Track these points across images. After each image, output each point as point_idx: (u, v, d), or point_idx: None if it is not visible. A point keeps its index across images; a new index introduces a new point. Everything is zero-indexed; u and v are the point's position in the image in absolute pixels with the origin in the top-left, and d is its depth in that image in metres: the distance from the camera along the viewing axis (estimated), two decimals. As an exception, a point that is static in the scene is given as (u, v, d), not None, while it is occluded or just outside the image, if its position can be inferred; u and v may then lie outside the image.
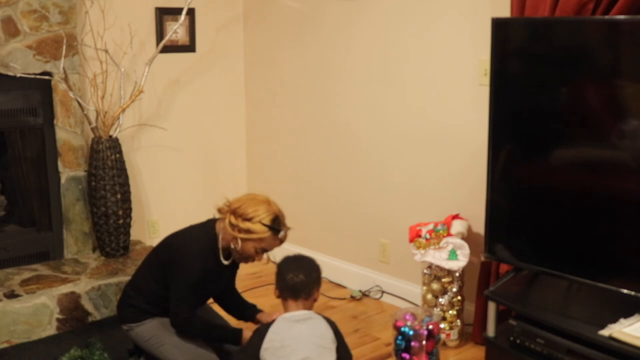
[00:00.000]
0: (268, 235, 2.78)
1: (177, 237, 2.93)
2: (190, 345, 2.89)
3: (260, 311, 3.10)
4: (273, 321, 2.66)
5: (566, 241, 2.72)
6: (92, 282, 3.55)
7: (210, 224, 2.92)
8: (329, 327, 2.66)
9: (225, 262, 2.93)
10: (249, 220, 2.77)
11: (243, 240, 2.80)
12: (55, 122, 3.70)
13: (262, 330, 2.65)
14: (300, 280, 2.65)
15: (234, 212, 2.80)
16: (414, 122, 3.65)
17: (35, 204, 3.86)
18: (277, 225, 2.79)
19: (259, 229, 2.77)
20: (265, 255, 2.88)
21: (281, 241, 2.85)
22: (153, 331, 2.93)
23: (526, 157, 2.84)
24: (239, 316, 3.15)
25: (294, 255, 2.80)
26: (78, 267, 3.72)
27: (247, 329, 2.86)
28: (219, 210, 2.89)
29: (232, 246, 2.85)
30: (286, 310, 2.69)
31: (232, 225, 2.79)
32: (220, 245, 2.89)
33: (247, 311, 3.11)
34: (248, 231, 2.77)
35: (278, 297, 2.73)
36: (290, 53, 4.26)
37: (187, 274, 2.81)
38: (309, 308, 2.70)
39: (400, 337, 3.07)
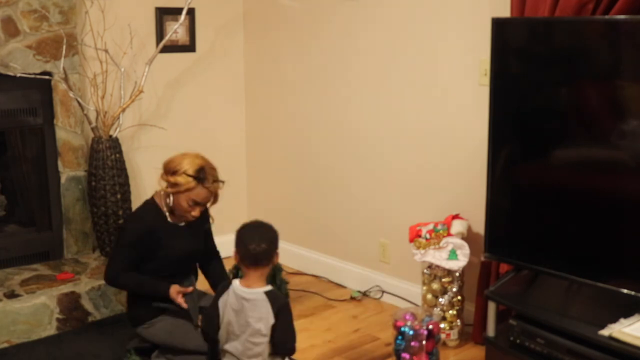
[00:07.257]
0: (193, 184, 2.86)
1: None
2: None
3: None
4: (229, 285, 2.67)
5: (566, 241, 2.71)
6: (92, 282, 3.55)
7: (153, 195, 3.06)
8: (271, 311, 2.62)
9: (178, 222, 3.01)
10: (174, 173, 2.88)
11: (174, 194, 2.90)
12: (55, 122, 3.70)
13: (220, 291, 2.69)
14: (262, 250, 2.63)
15: (164, 169, 2.93)
16: (414, 122, 3.65)
17: (35, 204, 3.86)
18: (201, 175, 2.87)
19: (184, 180, 2.86)
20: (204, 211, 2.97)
21: (210, 192, 2.92)
22: (175, 322, 2.97)
23: (526, 157, 2.84)
24: (212, 287, 3.23)
25: (253, 222, 2.76)
26: (78, 267, 3.72)
27: (176, 285, 2.94)
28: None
29: (170, 203, 2.95)
30: (245, 276, 2.68)
31: (162, 182, 2.93)
32: (163, 206, 2.98)
33: (218, 284, 3.19)
34: (175, 184, 2.88)
35: (238, 263, 2.70)
36: (290, 53, 4.25)
37: (122, 236, 2.98)
38: (268, 272, 2.70)
39: (400, 337, 3.07)
